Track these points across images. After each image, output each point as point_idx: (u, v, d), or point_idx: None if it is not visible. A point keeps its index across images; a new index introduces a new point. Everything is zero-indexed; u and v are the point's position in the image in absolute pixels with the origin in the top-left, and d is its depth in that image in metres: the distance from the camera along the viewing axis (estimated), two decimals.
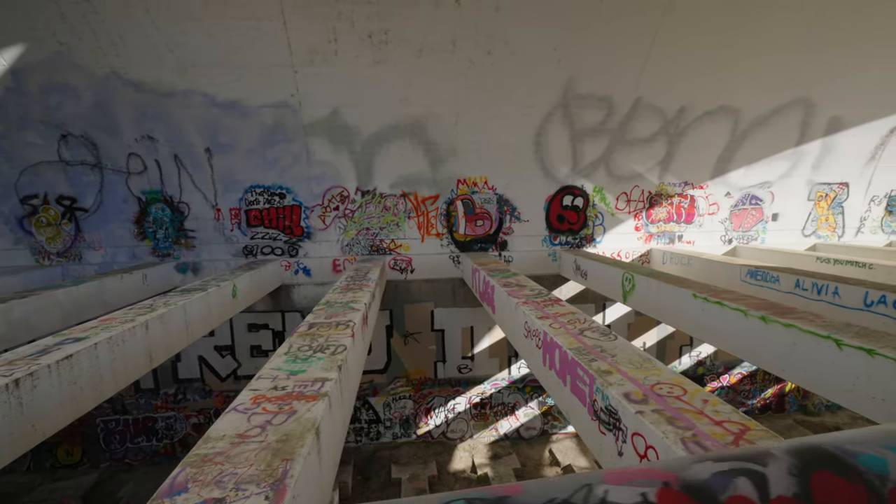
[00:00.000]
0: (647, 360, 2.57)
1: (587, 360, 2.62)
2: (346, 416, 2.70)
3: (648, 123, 7.48)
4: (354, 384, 3.19)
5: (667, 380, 2.30)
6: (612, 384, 2.28)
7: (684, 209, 8.29)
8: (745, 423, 1.85)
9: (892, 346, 2.82)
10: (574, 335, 3.08)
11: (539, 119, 7.22)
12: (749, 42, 6.66)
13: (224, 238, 7.48)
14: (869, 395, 2.82)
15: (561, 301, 4.03)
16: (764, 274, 5.79)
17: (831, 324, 3.26)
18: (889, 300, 4.42)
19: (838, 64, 7.05)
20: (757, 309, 3.68)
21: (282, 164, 7.25)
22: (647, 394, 2.15)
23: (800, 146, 7.99)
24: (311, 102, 6.80)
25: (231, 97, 6.64)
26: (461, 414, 8.17)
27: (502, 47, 6.49)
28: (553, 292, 7.98)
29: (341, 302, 4.18)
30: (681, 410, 1.97)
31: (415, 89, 6.80)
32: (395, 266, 7.75)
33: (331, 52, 6.35)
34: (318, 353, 2.83)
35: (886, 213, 8.77)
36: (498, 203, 7.74)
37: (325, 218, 7.57)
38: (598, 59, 6.76)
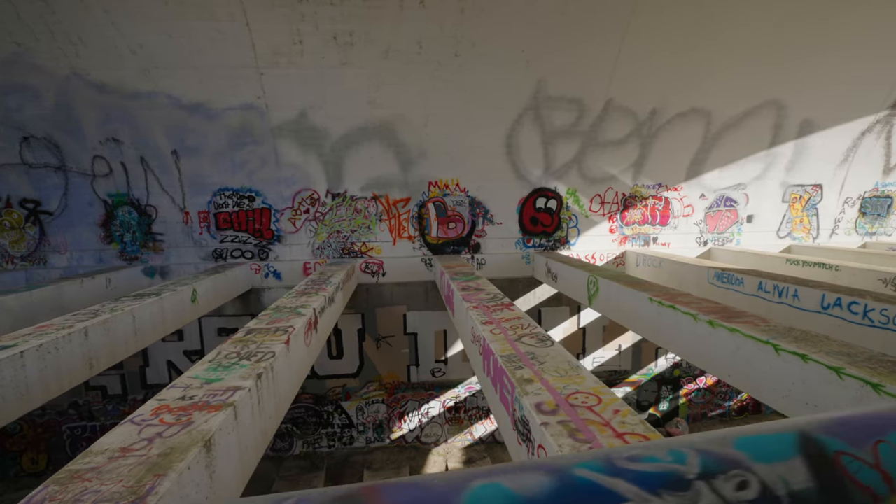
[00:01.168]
0: (574, 369, 2.52)
1: (513, 368, 2.56)
2: (267, 425, 2.64)
3: (620, 125, 7.45)
4: (288, 391, 3.13)
5: (586, 389, 2.25)
6: (529, 394, 2.23)
7: (659, 211, 8.27)
8: (647, 436, 1.80)
9: (826, 350, 2.78)
10: (511, 341, 3.03)
11: (510, 121, 7.18)
12: (716, 45, 6.65)
13: (193, 241, 7.39)
14: (803, 401, 2.79)
15: (512, 306, 3.98)
16: (729, 276, 5.77)
17: (774, 328, 3.22)
18: (844, 303, 4.40)
19: (807, 67, 7.05)
20: (706, 313, 3.64)
21: (250, 167, 7.17)
22: (559, 404, 2.10)
23: (773, 148, 7.99)
24: (278, 104, 6.73)
25: (196, 99, 6.57)
26: (435, 418, 8.11)
27: (469, 49, 6.45)
28: (527, 295, 8.00)
29: (290, 307, 4.11)
30: (587, 422, 1.92)
31: (383, 91, 6.75)
32: (366, 269, 7.68)
33: (296, 53, 6.29)
34: (243, 360, 2.76)
35: (860, 214, 8.78)
36: (470, 205, 7.70)
37: (295, 221, 7.50)
38: (568, 61, 6.73)
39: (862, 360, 2.62)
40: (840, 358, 2.66)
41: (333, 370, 7.83)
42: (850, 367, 2.53)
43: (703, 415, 8.90)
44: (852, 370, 2.50)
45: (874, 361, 2.60)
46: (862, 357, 2.67)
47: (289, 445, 7.89)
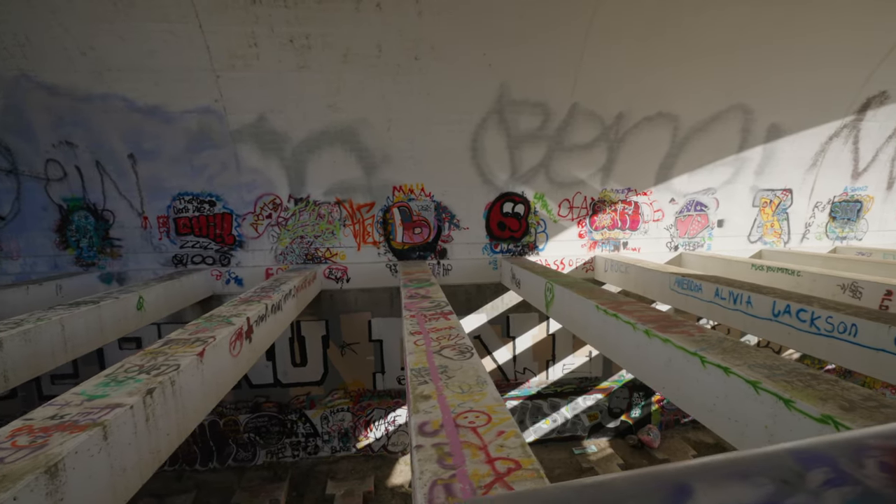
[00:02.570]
0: (479, 384, 2.41)
1: (417, 383, 2.46)
2: (162, 443, 2.51)
3: (587, 129, 7.39)
4: (201, 405, 2.99)
5: (481, 407, 2.15)
6: (420, 412, 2.12)
7: (629, 216, 8.21)
8: (520, 461, 1.69)
9: (750, 363, 2.69)
10: (429, 353, 2.93)
11: (474, 125, 7.10)
12: (678, 49, 6.60)
13: (152, 247, 7.24)
14: (726, 416, 2.69)
15: (450, 315, 3.88)
16: (689, 283, 5.69)
17: (707, 339, 3.13)
18: (793, 310, 4.32)
19: (771, 71, 7.01)
20: (644, 322, 3.55)
21: (210, 171, 7.05)
22: (445, 424, 1.99)
23: (741, 152, 7.95)
24: (237, 108, 6.62)
25: (152, 102, 6.44)
26: (402, 426, 7.97)
27: (429, 52, 6.37)
28: (495, 301, 7.90)
29: (224, 315, 3.98)
30: (465, 445, 1.81)
31: (343, 95, 6.65)
32: (330, 275, 7.56)
33: (252, 56, 6.18)
34: (143, 374, 2.64)
35: (830, 219, 8.75)
36: (436, 210, 7.59)
37: (257, 226, 7.37)
38: (531, 65, 6.66)
39: (781, 374, 2.53)
40: (760, 371, 2.57)
41: (297, 378, 7.69)
42: (766, 382, 2.43)
43: (675, 421, 8.81)
44: (768, 384, 2.41)
45: (793, 375, 2.51)
46: (783, 370, 2.58)
47: (252, 455, 7.73)
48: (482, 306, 7.88)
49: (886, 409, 2.13)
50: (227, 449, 7.69)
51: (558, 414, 8.35)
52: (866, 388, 2.43)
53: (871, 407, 2.15)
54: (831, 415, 2.06)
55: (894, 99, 7.64)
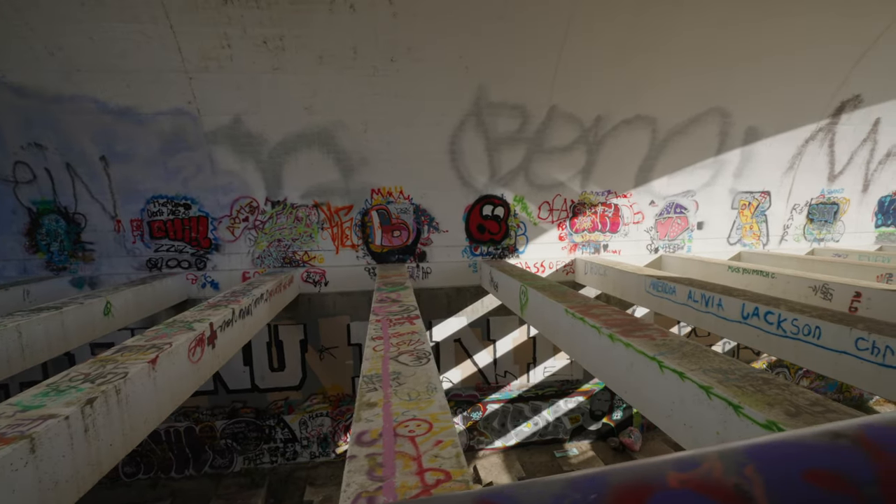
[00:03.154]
0: (429, 391, 2.38)
1: (367, 390, 2.41)
2: (105, 454, 2.44)
3: (566, 132, 7.39)
4: (152, 413, 2.92)
5: (425, 415, 2.11)
6: (361, 420, 2.08)
7: (609, 218, 8.22)
8: (450, 473, 1.65)
9: (705, 368, 2.67)
10: (386, 359, 2.88)
11: (452, 127, 7.07)
12: (654, 52, 6.63)
13: (126, 251, 7.13)
14: (682, 422, 2.67)
15: (415, 320, 3.83)
16: (664, 285, 5.70)
17: (668, 343, 3.11)
18: (761, 312, 4.33)
19: (747, 75, 7.06)
20: (609, 326, 3.53)
21: (185, 174, 6.95)
22: (384, 433, 1.95)
23: (720, 155, 8.00)
24: (211, 110, 6.54)
25: (124, 104, 6.35)
26: None
27: (406, 54, 6.34)
28: (475, 304, 7.87)
29: (186, 321, 3.91)
30: (399, 455, 1.77)
31: (319, 97, 6.60)
32: (308, 279, 7.48)
33: (225, 57, 6.11)
34: (87, 382, 2.57)
35: (808, 221, 8.82)
36: (415, 213, 7.55)
37: (234, 229, 7.28)
38: (508, 67, 6.65)
39: (735, 379, 2.52)
40: (714, 376, 2.56)
41: (275, 383, 7.60)
42: (718, 387, 2.42)
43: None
44: (720, 389, 2.39)
45: (746, 380, 2.50)
46: (737, 375, 2.57)
47: (229, 462, 7.62)
48: (462, 309, 7.84)
49: (832, 413, 2.12)
50: (203, 455, 7.57)
51: (540, 417, 8.33)
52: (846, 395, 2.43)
53: (817, 412, 2.14)
54: (776, 421, 2.05)
55: (868, 103, 7.73)
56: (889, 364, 3.28)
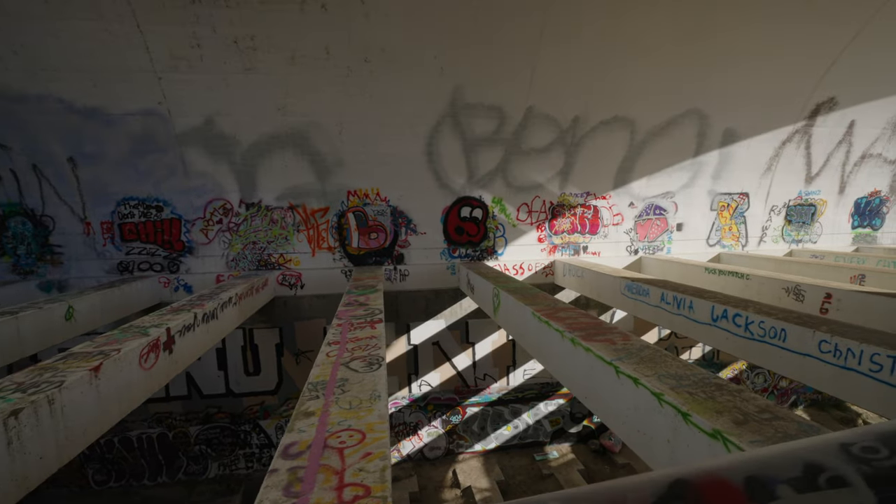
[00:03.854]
0: (371, 400, 2.30)
1: (308, 398, 2.34)
2: (33, 468, 2.33)
3: (543, 133, 7.35)
4: (92, 424, 2.82)
5: (360, 425, 2.04)
6: (295, 430, 2.00)
7: (588, 220, 8.20)
8: (371, 488, 1.58)
9: (661, 373, 2.63)
10: (337, 365, 2.81)
11: (428, 128, 7.01)
12: (631, 54, 6.61)
13: (96, 254, 6.98)
14: (636, 428, 2.62)
15: (377, 324, 3.76)
16: (638, 287, 5.67)
17: (628, 347, 3.07)
18: (730, 314, 4.31)
19: (723, 77, 7.08)
20: (572, 330, 3.48)
21: (156, 176, 6.82)
22: (314, 445, 1.87)
23: (698, 157, 8.01)
24: (182, 110, 6.42)
25: (91, 104, 6.21)
26: None
27: (380, 55, 6.26)
28: (453, 307, 7.80)
29: (142, 326, 3.81)
30: (322, 469, 1.70)
31: (293, 98, 6.50)
32: (283, 281, 7.38)
33: (195, 57, 6.00)
34: (18, 392, 2.47)
35: (786, 222, 8.87)
36: (392, 215, 7.48)
37: (207, 232, 7.16)
38: (484, 68, 6.60)
39: (688, 385, 2.47)
40: (668, 382, 2.51)
41: (250, 387, 7.48)
42: (670, 393, 2.37)
43: None
44: (671, 396, 2.34)
45: (698, 386, 2.45)
46: (691, 381, 2.52)
47: (203, 468, 7.48)
48: (441, 312, 7.77)
49: (779, 421, 2.08)
50: (176, 462, 7.43)
51: (520, 420, 8.28)
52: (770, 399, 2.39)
53: (765, 420, 2.09)
54: (721, 430, 2.00)
55: (843, 105, 7.78)
56: (850, 367, 3.26)
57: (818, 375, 3.49)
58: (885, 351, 3.05)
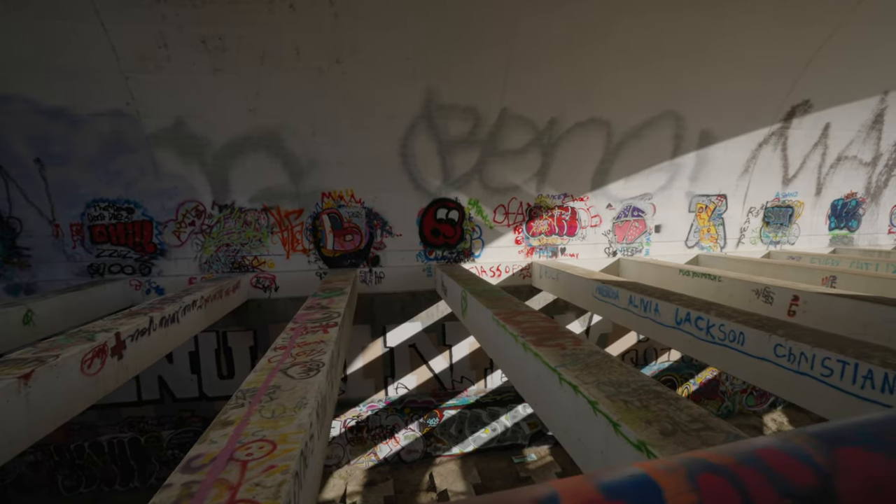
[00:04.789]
0: (297, 408, 2.25)
1: (232, 406, 2.28)
2: None
3: (519, 135, 7.32)
4: (13, 433, 2.74)
5: (276, 434, 1.98)
6: (206, 441, 1.94)
7: (566, 221, 8.17)
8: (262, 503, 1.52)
9: (602, 380, 2.58)
10: (275, 371, 2.75)
11: (402, 130, 6.96)
12: (603, 56, 6.59)
13: (65, 256, 6.89)
14: (576, 437, 2.58)
15: (330, 328, 3.70)
16: (608, 290, 5.64)
17: (576, 353, 3.02)
18: (692, 318, 4.28)
19: (697, 79, 7.07)
20: (526, 334, 3.43)
21: (127, 177, 6.74)
22: (219, 457, 1.81)
23: (675, 158, 8.00)
24: (151, 111, 6.34)
25: (58, 104, 6.13)
26: (336, 438, 7.74)
27: (351, 55, 6.21)
28: (430, 309, 7.75)
29: (91, 330, 3.73)
30: (217, 484, 1.64)
31: (264, 99, 6.44)
32: (257, 284, 7.30)
33: (163, 57, 5.93)
34: None
35: (764, 224, 8.87)
36: (367, 217, 7.42)
37: (179, 234, 7.08)
38: (456, 69, 6.56)
39: (626, 393, 2.42)
40: (606, 389, 2.47)
41: (224, 391, 7.39)
42: (605, 402, 2.33)
43: None
44: (605, 405, 2.30)
45: (636, 394, 2.41)
46: (630, 388, 2.48)
47: None
48: (417, 314, 7.72)
49: (708, 431, 2.04)
50: (149, 467, 7.33)
51: (498, 423, 8.23)
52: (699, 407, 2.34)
53: (694, 430, 2.05)
54: (646, 441, 1.95)
55: (818, 107, 7.79)
56: (803, 371, 3.23)
57: (774, 380, 3.46)
58: (836, 355, 3.02)
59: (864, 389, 2.80)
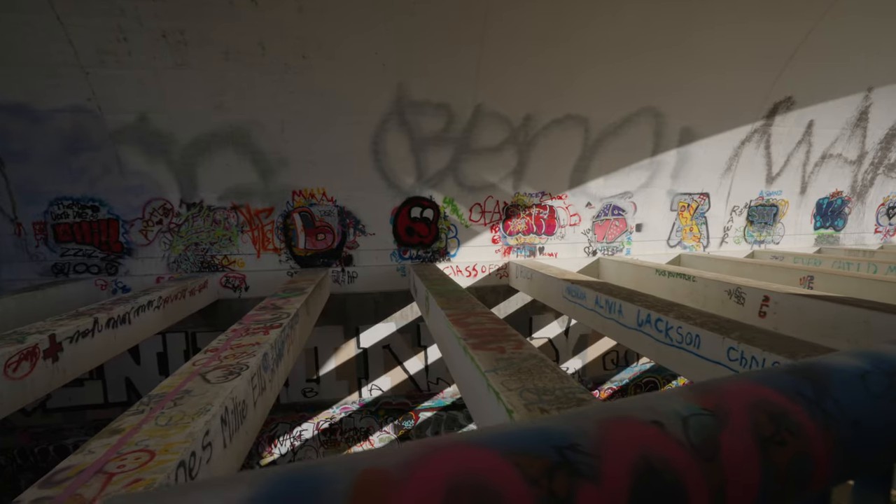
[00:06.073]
0: (197, 414, 2.12)
1: (131, 413, 2.15)
2: None
3: (494, 132, 7.19)
4: None
5: (159, 444, 1.85)
6: (83, 452, 1.81)
7: (544, 220, 8.03)
8: None
9: (526, 388, 2.45)
10: (194, 374, 2.62)
11: (373, 127, 6.83)
12: (577, 51, 6.46)
13: (28, 255, 6.75)
14: None
15: (272, 329, 3.58)
16: (576, 290, 5.52)
17: (512, 357, 2.89)
18: (653, 319, 4.15)
19: (675, 75, 6.94)
20: (470, 337, 3.30)
21: (91, 175, 6.61)
22: (86, 470, 1.68)
23: (656, 156, 7.86)
24: (114, 107, 6.21)
25: (16, 100, 6.00)
26: (309, 441, 7.61)
27: (317, 50, 6.08)
28: (404, 309, 7.62)
29: (24, 332, 3.60)
30: (71, 500, 1.51)
31: (229, 95, 6.31)
32: (227, 283, 7.18)
33: (123, 52, 5.80)
34: None
35: (748, 223, 8.73)
36: (339, 216, 7.29)
37: (147, 233, 6.95)
38: (427, 65, 6.43)
39: (547, 401, 2.29)
40: (528, 397, 2.34)
41: None
42: (521, 410, 2.20)
43: None
44: (521, 414, 2.17)
45: (557, 402, 2.28)
46: (552, 397, 2.35)
47: None
48: (391, 315, 7.59)
49: None
50: None
51: (474, 425, 8.08)
52: None
53: None
54: None
55: (800, 105, 7.66)
56: None
57: None
58: (785, 359, 2.89)
59: None
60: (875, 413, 0.50)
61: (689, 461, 0.44)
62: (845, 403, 0.50)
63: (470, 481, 0.38)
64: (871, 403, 0.50)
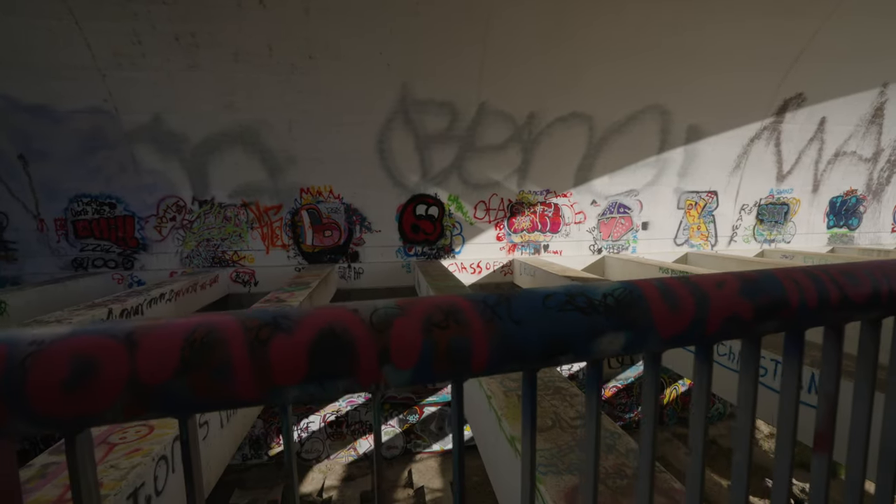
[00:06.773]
0: None
1: None
2: None
3: (498, 130, 7.24)
4: None
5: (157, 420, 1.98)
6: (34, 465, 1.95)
7: (549, 218, 8.06)
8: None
9: (509, 375, 2.53)
10: None
11: (379, 126, 6.95)
12: (581, 49, 6.47)
13: (50, 250, 7.06)
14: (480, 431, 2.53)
15: None
16: None
17: None
18: None
19: (682, 73, 6.89)
20: None
21: (108, 173, 6.87)
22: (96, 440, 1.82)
23: (662, 154, 7.82)
24: (129, 108, 6.45)
25: (38, 101, 6.27)
26: (316, 433, 7.80)
27: (323, 51, 6.22)
28: None
29: (44, 322, 3.80)
30: None
31: (239, 95, 6.49)
32: (237, 279, 7.39)
33: (137, 54, 6.02)
34: None
35: (758, 221, 8.61)
36: (346, 213, 7.43)
37: (161, 229, 7.19)
38: (431, 64, 6.52)
39: None
40: (508, 384, 2.42)
41: None
42: (498, 396, 2.29)
43: None
44: (497, 399, 2.26)
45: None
46: None
47: None
48: None
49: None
50: None
51: None
52: None
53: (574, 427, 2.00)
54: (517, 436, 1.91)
55: (811, 101, 7.52)
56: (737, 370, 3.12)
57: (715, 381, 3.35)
58: (770, 355, 2.91)
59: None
60: (540, 318, 0.62)
61: (364, 331, 0.57)
62: (516, 309, 0.62)
63: (206, 329, 0.54)
64: (540, 312, 0.62)
